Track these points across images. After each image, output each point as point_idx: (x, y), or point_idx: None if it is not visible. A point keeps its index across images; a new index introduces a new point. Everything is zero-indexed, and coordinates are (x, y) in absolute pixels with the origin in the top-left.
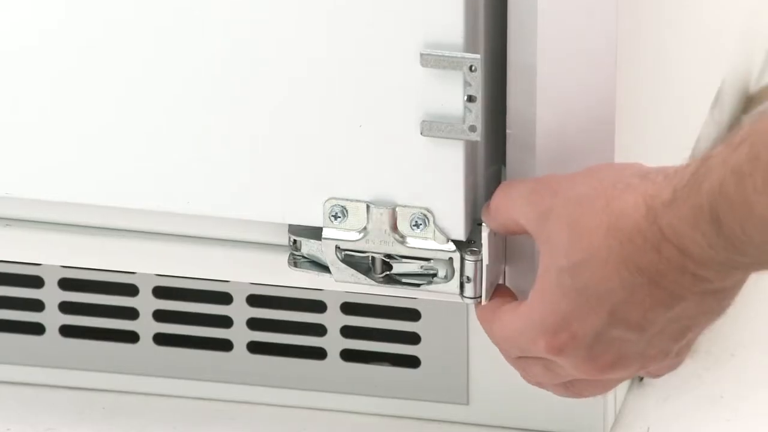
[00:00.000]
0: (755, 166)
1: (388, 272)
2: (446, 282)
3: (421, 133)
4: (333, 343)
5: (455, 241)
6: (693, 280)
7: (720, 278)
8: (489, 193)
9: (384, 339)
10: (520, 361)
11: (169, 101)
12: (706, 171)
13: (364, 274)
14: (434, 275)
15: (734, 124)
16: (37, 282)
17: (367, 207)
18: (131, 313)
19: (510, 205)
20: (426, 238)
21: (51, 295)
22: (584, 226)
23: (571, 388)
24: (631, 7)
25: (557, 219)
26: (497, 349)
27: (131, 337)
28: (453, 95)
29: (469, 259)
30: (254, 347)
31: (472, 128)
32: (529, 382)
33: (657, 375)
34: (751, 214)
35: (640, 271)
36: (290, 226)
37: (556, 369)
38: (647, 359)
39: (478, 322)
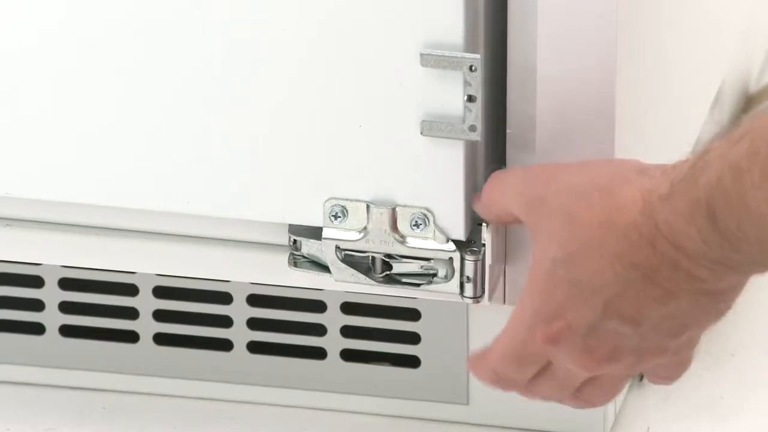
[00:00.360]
0: (754, 162)
1: (388, 272)
2: (446, 282)
3: (421, 133)
4: (333, 342)
5: (455, 241)
6: (687, 278)
7: (714, 278)
8: None
9: (384, 339)
10: (527, 387)
11: (169, 101)
12: (704, 165)
13: (364, 274)
14: (434, 275)
15: (734, 123)
16: (37, 282)
17: (367, 207)
18: (131, 313)
19: (502, 195)
20: (426, 238)
21: (51, 294)
22: (579, 218)
23: (581, 396)
24: (631, 7)
25: (551, 209)
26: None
27: (131, 337)
28: (453, 95)
29: (469, 259)
30: (254, 347)
31: (472, 128)
32: (544, 399)
33: (664, 378)
34: (748, 210)
35: (634, 267)
36: (290, 226)
37: (559, 374)
38: (643, 354)
39: (478, 323)
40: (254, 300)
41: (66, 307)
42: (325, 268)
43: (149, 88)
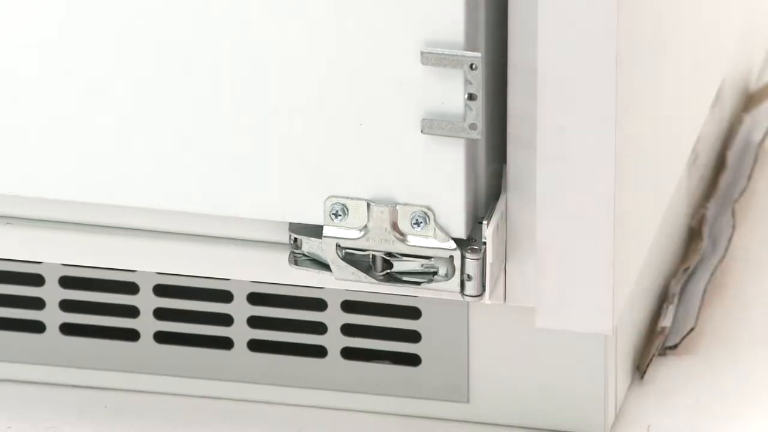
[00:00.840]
0: None
1: (388, 270)
2: (447, 280)
3: (422, 131)
4: (333, 341)
5: (456, 240)
6: None
7: None
8: (489, 192)
9: (384, 337)
10: None
11: (169, 99)
12: None
13: (364, 272)
14: (435, 273)
15: (735, 122)
16: (37, 280)
17: (368, 205)
18: (132, 311)
19: None
20: (426, 237)
21: (51, 293)
22: None
23: None
24: (631, 6)
25: None
26: (497, 347)
27: (132, 335)
28: (453, 93)
29: (470, 257)
30: (255, 345)
31: (473, 126)
32: None
33: None
34: None
35: None
36: (291, 224)
37: None
38: None
39: (478, 321)
40: (255, 298)
41: (66, 306)
42: (325, 267)
43: (149, 86)
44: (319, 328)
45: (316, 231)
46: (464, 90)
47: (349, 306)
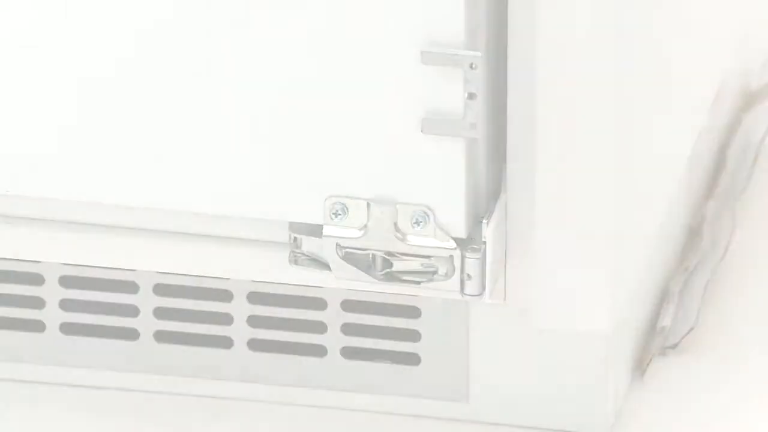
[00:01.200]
0: None
1: (388, 270)
2: (447, 279)
3: (422, 131)
4: (333, 340)
5: (456, 239)
6: None
7: None
8: (489, 191)
9: (384, 336)
10: None
11: (169, 99)
12: None
13: (364, 271)
14: (435, 273)
15: (735, 122)
16: (37, 279)
17: (368, 204)
18: (132, 311)
19: None
20: (426, 236)
21: (51, 292)
22: None
23: None
24: (631, 5)
25: None
26: (497, 346)
27: (132, 335)
28: (454, 92)
29: (470, 256)
30: (255, 344)
31: (473, 125)
32: None
33: None
34: None
35: None
36: (291, 223)
37: None
38: None
39: (478, 320)
40: (255, 297)
41: (66, 305)
42: (325, 266)
43: (150, 85)
44: (319, 327)
45: (316, 230)
46: (464, 89)
47: (348, 305)
